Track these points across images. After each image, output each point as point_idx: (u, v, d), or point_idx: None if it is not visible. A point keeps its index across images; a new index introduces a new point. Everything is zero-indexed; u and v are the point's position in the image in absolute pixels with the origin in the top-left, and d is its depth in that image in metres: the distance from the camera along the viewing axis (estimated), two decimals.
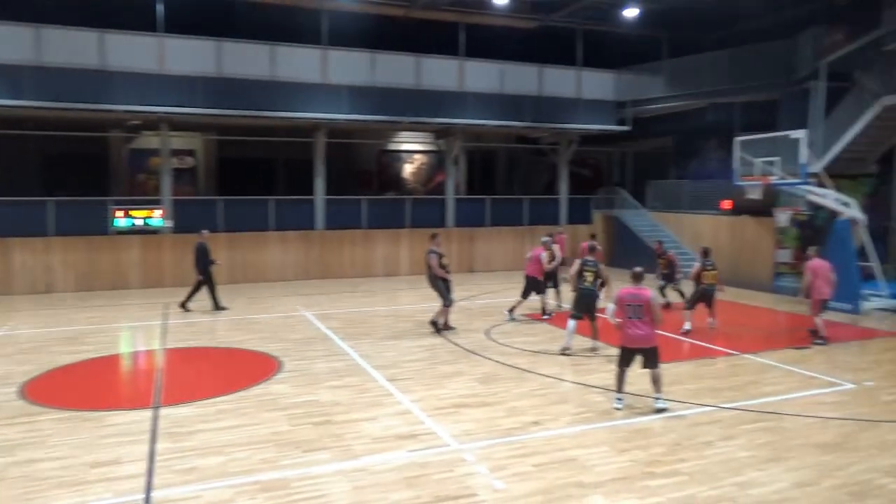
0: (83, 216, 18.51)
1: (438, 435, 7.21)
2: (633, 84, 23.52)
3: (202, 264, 14.66)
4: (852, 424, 7.55)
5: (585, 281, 10.76)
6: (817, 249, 12.46)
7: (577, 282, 10.91)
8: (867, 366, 10.22)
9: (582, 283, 10.79)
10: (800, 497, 5.75)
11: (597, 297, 10.93)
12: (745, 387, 9.05)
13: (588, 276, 10.77)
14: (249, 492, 5.85)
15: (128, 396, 9.16)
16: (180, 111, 17.97)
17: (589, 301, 10.84)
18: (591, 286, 10.78)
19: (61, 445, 6.93)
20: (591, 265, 10.85)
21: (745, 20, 22.14)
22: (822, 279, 11.74)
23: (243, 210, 20.20)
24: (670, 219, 23.25)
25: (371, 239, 21.41)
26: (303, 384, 9.16)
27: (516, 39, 23.69)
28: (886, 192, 17.66)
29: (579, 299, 10.90)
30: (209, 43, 18.51)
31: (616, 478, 6.14)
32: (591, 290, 10.80)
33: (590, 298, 10.84)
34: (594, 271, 10.81)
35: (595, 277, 10.80)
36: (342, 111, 19.37)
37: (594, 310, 10.92)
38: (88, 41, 17.27)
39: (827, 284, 11.74)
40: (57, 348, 11.39)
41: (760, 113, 20.66)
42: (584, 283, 10.78)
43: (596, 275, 10.81)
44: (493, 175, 29.94)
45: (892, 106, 15.44)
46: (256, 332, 12.78)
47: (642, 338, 7.91)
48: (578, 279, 10.84)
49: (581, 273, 10.82)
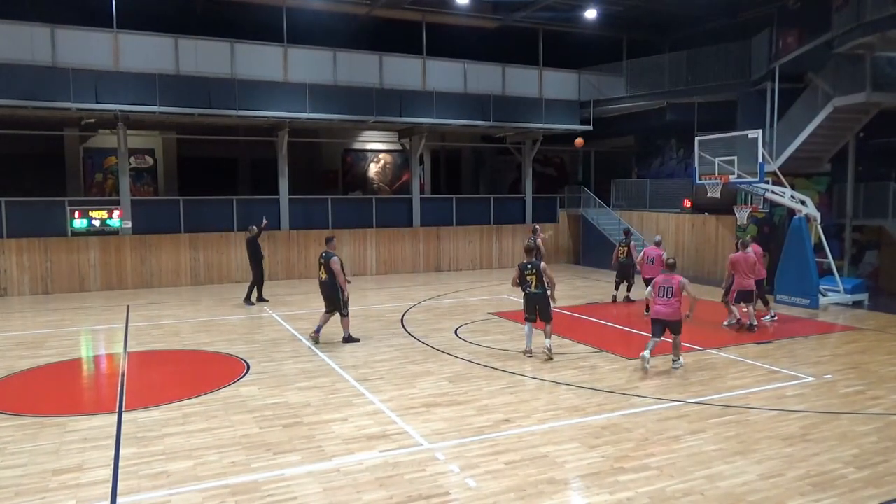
0: (38, 217, 18.02)
1: (410, 434, 7.20)
2: (595, 84, 23.82)
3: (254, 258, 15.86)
4: (814, 416, 7.76)
5: (530, 286, 10.34)
6: (744, 242, 12.96)
7: (521, 286, 10.48)
8: (826, 359, 10.51)
9: (527, 287, 10.38)
10: (766, 488, 5.88)
11: (544, 298, 10.40)
12: (712, 381, 9.23)
13: (530, 279, 10.33)
14: (219, 496, 5.76)
15: (91, 401, 8.94)
16: (136, 109, 17.53)
17: (537, 303, 10.40)
18: (537, 289, 10.32)
19: (21, 453, 6.72)
20: (530, 268, 10.34)
21: (703, 22, 22.57)
22: (742, 272, 12.34)
23: (206, 210, 19.88)
24: (634, 217, 23.62)
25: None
26: (271, 386, 9.05)
27: (479, 39, 23.80)
28: (840, 190, 18.18)
29: (527, 303, 10.52)
30: (166, 39, 18.10)
31: (587, 473, 6.20)
32: (535, 293, 10.35)
33: (536, 301, 10.40)
34: (534, 274, 10.31)
35: (537, 280, 10.29)
36: (304, 110, 19.17)
37: (547, 311, 10.42)
38: (39, 37, 16.77)
39: (749, 275, 12.33)
40: (15, 353, 11.06)
41: (719, 113, 21.11)
42: (528, 287, 10.36)
43: (537, 277, 10.30)
44: (458, 174, 30.01)
45: (843, 107, 15.87)
46: (223, 333, 12.59)
47: (670, 313, 9.73)
48: (522, 284, 10.42)
49: (523, 278, 10.40)
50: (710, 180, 15.68)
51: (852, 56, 15.58)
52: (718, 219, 20.01)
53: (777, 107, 18.05)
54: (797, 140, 17.04)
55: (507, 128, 22.92)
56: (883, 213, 17.11)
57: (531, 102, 22.59)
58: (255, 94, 18.67)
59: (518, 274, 10.51)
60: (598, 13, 21.29)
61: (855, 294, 15.34)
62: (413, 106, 20.74)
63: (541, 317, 10.45)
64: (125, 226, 18.62)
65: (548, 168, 29.93)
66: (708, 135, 16.51)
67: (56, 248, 17.90)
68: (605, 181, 26.47)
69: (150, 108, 17.61)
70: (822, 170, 18.24)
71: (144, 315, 14.44)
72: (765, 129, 17.16)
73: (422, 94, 20.98)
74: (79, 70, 16.82)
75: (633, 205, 24.37)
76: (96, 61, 17.24)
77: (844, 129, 17.11)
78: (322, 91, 19.51)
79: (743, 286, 12.40)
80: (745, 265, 12.38)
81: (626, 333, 12.55)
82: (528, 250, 10.62)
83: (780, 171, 16.04)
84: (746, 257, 12.44)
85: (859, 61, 15.51)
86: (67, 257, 18.03)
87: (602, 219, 23.96)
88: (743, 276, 12.36)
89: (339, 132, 25.33)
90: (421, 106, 20.87)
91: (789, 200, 15.43)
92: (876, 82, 15.38)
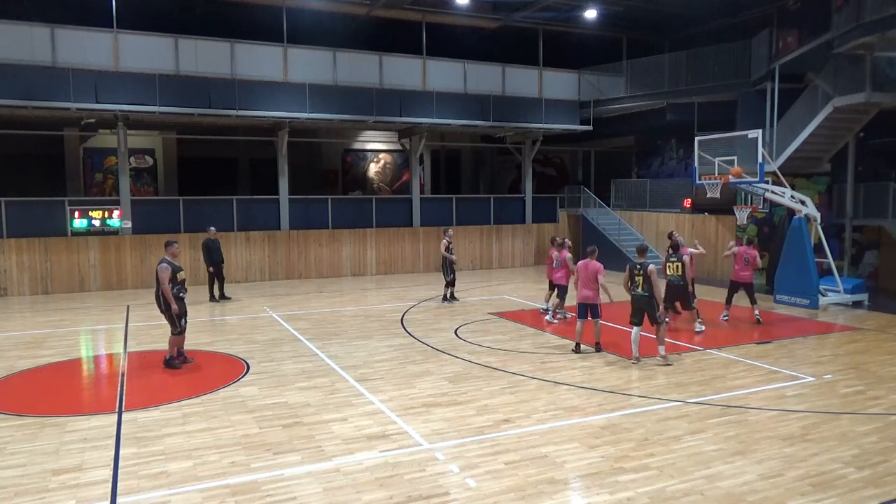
0: (38, 217, 18.02)
1: (410, 434, 7.20)
2: (595, 84, 23.82)
3: (207, 259, 16.39)
4: (814, 416, 7.76)
5: (637, 287, 10.14)
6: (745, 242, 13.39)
7: (630, 287, 10.32)
8: (826, 360, 10.51)
9: (634, 288, 10.19)
10: (766, 488, 5.88)
11: (651, 301, 10.10)
12: (712, 381, 9.22)
13: (638, 280, 10.14)
14: (219, 496, 5.75)
15: (90, 401, 8.92)
16: (136, 109, 17.54)
17: (643, 306, 10.19)
18: (643, 291, 10.09)
19: (21, 453, 6.72)
20: (639, 269, 10.17)
21: (703, 22, 22.58)
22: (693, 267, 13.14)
23: (205, 210, 19.86)
24: (634, 217, 23.63)
25: (337, 239, 21.28)
26: (271, 386, 9.05)
27: (479, 39, 23.80)
28: (840, 190, 18.18)
29: (632, 305, 10.32)
30: (166, 39, 18.10)
31: (587, 473, 6.20)
32: (642, 295, 10.12)
33: (641, 303, 10.18)
34: (641, 275, 10.11)
35: (643, 282, 10.09)
36: (304, 110, 19.17)
37: (653, 314, 10.14)
38: (39, 37, 16.77)
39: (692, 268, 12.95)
40: (15, 353, 11.06)
41: (719, 113, 21.12)
42: (636, 288, 10.16)
43: (644, 279, 10.08)
44: (458, 174, 30.02)
45: (843, 107, 15.87)
46: (223, 333, 12.59)
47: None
48: (631, 285, 10.26)
49: (632, 278, 10.22)
50: (710, 180, 15.68)
51: (852, 56, 15.58)
52: (718, 219, 20.02)
53: (777, 107, 18.06)
54: (797, 140, 17.04)
55: (507, 128, 22.92)
56: (883, 213, 17.10)
57: (531, 102, 22.58)
58: (255, 94, 18.67)
59: (628, 275, 10.34)
60: (598, 13, 21.29)
61: (855, 294, 15.33)
62: (413, 106, 20.74)
63: (650, 320, 10.20)
64: (125, 226, 18.62)
65: (548, 168, 29.95)
66: (708, 135, 16.51)
67: (56, 248, 17.90)
68: (605, 181, 26.47)
69: (150, 108, 17.61)
70: (822, 170, 18.25)
71: (144, 315, 14.43)
72: (765, 130, 17.17)
73: (422, 94, 20.98)
74: (79, 70, 16.82)
75: (633, 205, 24.38)
76: (96, 61, 17.24)
77: (844, 129, 17.11)
78: (322, 91, 19.50)
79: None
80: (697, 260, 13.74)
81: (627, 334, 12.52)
82: (640, 251, 10.55)
83: (780, 171, 16.05)
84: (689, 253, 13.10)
85: (859, 61, 15.52)
86: (67, 257, 18.03)
87: (602, 219, 23.96)
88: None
89: (338, 132, 25.34)
90: (421, 106, 20.87)
91: (789, 200, 15.43)
92: (876, 82, 15.38)
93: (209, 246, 16.42)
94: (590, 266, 10.70)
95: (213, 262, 16.38)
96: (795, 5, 18.59)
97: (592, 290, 10.66)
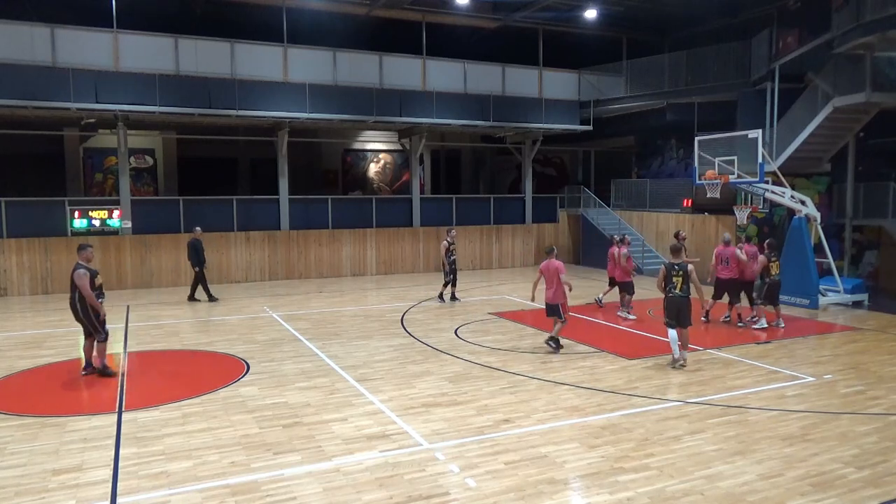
0: (38, 217, 18.03)
1: (410, 434, 7.19)
2: (595, 84, 23.83)
3: (194, 259, 16.28)
4: (814, 416, 7.76)
5: (675, 287, 9.94)
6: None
7: (666, 287, 10.11)
8: (826, 360, 10.50)
9: (672, 289, 9.98)
10: (766, 488, 5.88)
11: (688, 302, 9.99)
12: (711, 381, 9.22)
13: (676, 281, 9.94)
14: (219, 496, 5.75)
15: (90, 401, 8.91)
16: (136, 109, 17.55)
17: (680, 307, 9.97)
18: (682, 292, 9.93)
19: (21, 453, 6.72)
20: (677, 270, 9.97)
21: (703, 22, 22.58)
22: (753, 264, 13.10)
23: (205, 210, 19.88)
24: (634, 217, 23.63)
25: (337, 239, 21.28)
26: (271, 386, 9.05)
27: (479, 39, 23.80)
28: (840, 190, 18.18)
29: (669, 306, 10.06)
30: (166, 39, 18.12)
31: (587, 473, 6.20)
32: (680, 296, 9.95)
33: (679, 304, 9.97)
34: (681, 276, 9.92)
35: (682, 283, 9.90)
36: (304, 110, 19.17)
37: (688, 317, 10.03)
38: (39, 37, 16.78)
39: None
40: (15, 353, 11.07)
41: (719, 113, 21.12)
42: (673, 289, 9.96)
43: (683, 279, 9.89)
44: (458, 174, 30.02)
45: (843, 107, 15.87)
46: (222, 333, 12.59)
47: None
48: (667, 285, 10.03)
49: (669, 279, 10.01)
50: (710, 180, 15.67)
51: (852, 56, 15.58)
52: (718, 219, 20.01)
53: (777, 107, 18.05)
54: (797, 140, 17.04)
55: (507, 128, 22.92)
56: (883, 213, 17.11)
57: (531, 102, 22.59)
58: (255, 94, 18.67)
59: (663, 275, 10.10)
60: (598, 13, 21.30)
61: (855, 294, 15.34)
62: (413, 106, 20.74)
63: (680, 321, 9.96)
64: (125, 226, 18.63)
65: (548, 168, 29.96)
66: (708, 135, 16.50)
67: (56, 248, 17.90)
68: (605, 181, 26.47)
69: (150, 108, 17.61)
70: (822, 170, 18.25)
71: (144, 315, 14.44)
72: (765, 129, 17.17)
73: (422, 94, 20.98)
74: (79, 70, 16.82)
75: (633, 205, 24.39)
76: (96, 61, 17.24)
77: (844, 129, 17.11)
78: (322, 91, 19.51)
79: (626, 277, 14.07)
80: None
81: (627, 334, 12.55)
82: (674, 251, 10.31)
83: (780, 171, 16.04)
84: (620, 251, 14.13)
85: (859, 61, 15.52)
86: (67, 257, 17.98)
87: (602, 219, 23.97)
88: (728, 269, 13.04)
89: (338, 132, 25.33)
90: (421, 106, 20.87)
91: (789, 200, 15.43)
92: (876, 82, 15.38)
93: (195, 246, 16.36)
94: (551, 266, 10.84)
95: (199, 262, 16.30)
96: (795, 5, 18.58)
97: (552, 290, 10.82)
